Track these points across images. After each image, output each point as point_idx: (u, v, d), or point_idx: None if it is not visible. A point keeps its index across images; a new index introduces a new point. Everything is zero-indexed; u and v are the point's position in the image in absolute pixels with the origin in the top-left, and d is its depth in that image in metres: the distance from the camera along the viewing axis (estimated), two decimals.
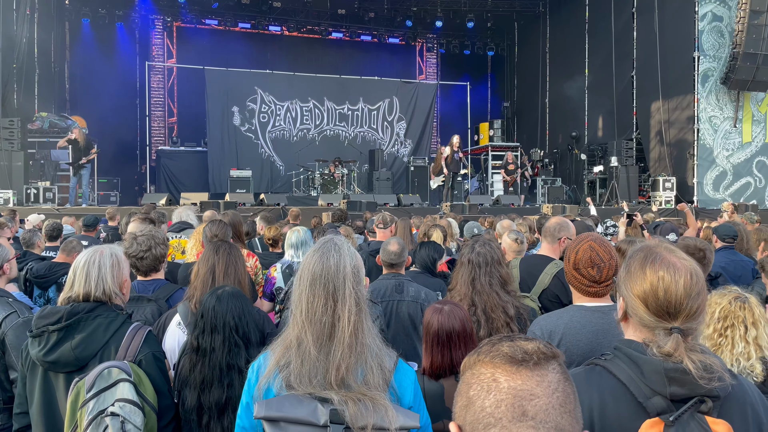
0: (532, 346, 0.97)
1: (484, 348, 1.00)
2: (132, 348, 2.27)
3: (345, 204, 13.38)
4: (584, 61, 18.81)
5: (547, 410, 0.91)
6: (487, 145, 20.11)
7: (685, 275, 1.44)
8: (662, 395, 1.36)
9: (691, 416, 1.33)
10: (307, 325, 1.66)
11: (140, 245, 3.30)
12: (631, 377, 1.40)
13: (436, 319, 2.50)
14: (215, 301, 2.26)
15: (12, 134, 13.88)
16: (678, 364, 1.36)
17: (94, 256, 2.38)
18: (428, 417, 1.77)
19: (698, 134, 15.06)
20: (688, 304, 1.43)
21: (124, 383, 2.09)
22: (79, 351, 2.25)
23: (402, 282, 3.69)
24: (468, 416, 0.95)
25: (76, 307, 2.30)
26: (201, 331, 2.25)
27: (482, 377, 0.96)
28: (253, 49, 19.88)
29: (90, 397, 2.05)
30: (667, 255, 1.49)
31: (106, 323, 2.31)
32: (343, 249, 1.75)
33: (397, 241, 3.81)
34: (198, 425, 2.20)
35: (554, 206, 14.49)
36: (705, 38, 14.88)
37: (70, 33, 18.79)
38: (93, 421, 2.01)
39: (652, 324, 1.46)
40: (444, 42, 22.81)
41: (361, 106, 19.99)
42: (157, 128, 19.46)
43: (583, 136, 19.08)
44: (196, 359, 2.23)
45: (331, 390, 1.59)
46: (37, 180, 14.50)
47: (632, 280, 1.51)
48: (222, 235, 3.88)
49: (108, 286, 2.35)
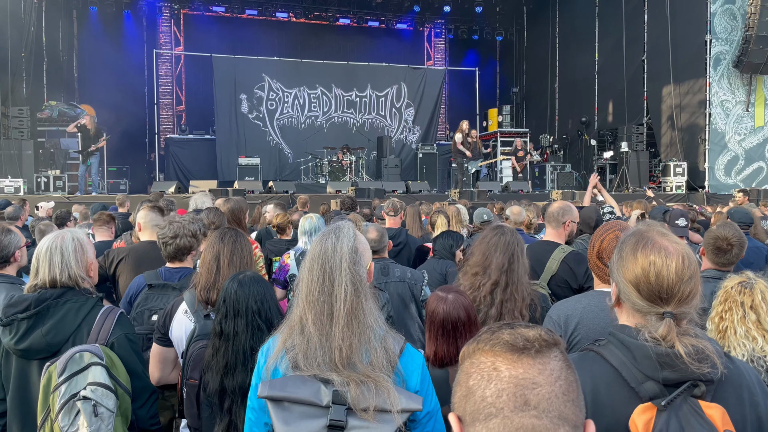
0: (534, 333, 0.94)
1: (483, 336, 0.97)
2: (104, 331, 2.28)
3: (353, 191, 13.37)
4: (594, 45, 18.60)
5: (549, 399, 0.89)
6: (496, 131, 20.00)
7: (677, 259, 1.43)
8: (655, 380, 1.35)
9: (684, 400, 1.32)
10: (307, 306, 1.68)
11: (168, 231, 3.28)
12: (624, 362, 1.39)
13: (441, 308, 2.49)
14: (237, 286, 2.26)
15: (22, 123, 13.95)
16: (670, 349, 1.35)
17: (56, 242, 2.36)
18: (437, 402, 1.77)
19: (710, 119, 14.89)
20: (680, 288, 1.42)
21: (96, 367, 2.10)
22: (50, 337, 2.26)
23: (387, 265, 3.88)
24: (468, 406, 0.92)
25: (44, 293, 2.30)
26: (224, 316, 2.24)
27: (482, 366, 0.93)
28: (260, 36, 19.81)
29: (62, 381, 2.06)
30: (659, 239, 1.48)
31: (76, 308, 2.31)
32: (343, 231, 1.76)
33: (375, 228, 3.96)
34: (220, 408, 2.21)
35: (563, 192, 14.41)
36: (717, 21, 14.66)
37: (78, 21, 18.79)
38: (65, 405, 2.02)
39: (645, 309, 1.45)
40: (452, 27, 22.62)
41: (369, 93, 19.91)
42: (165, 116, 19.48)
43: (593, 122, 18.93)
44: (219, 344, 2.22)
45: (336, 370, 1.59)
46: (47, 168, 14.59)
47: (624, 264, 1.49)
48: (219, 222, 3.88)
49: (73, 271, 2.34)
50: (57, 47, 17.43)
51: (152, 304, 3.03)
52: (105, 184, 16.32)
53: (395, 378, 1.65)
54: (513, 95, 22.33)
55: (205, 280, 2.64)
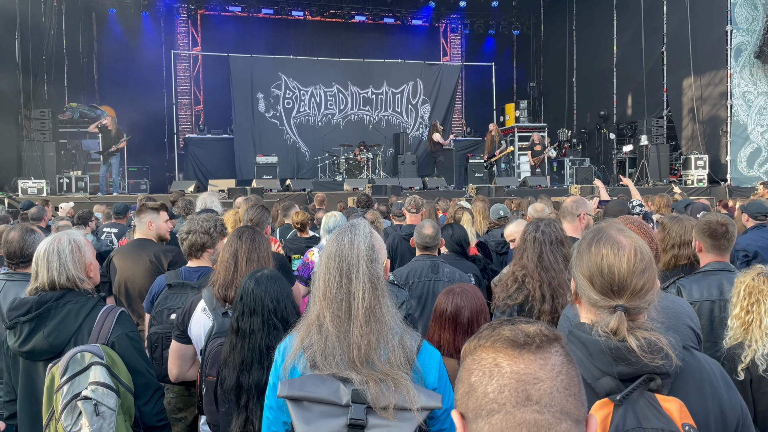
0: (534, 329, 0.94)
1: (484, 333, 0.97)
2: (104, 330, 2.31)
3: (370, 188, 13.40)
4: (612, 37, 18.38)
5: (551, 393, 0.89)
6: (514, 126, 19.87)
7: (629, 252, 1.43)
8: (610, 375, 1.34)
9: (640, 394, 1.31)
10: (325, 304, 1.68)
11: (184, 228, 3.33)
12: (581, 359, 1.38)
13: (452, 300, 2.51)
14: (254, 284, 2.27)
15: (44, 125, 14.16)
16: (622, 343, 1.34)
17: (53, 245, 2.38)
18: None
19: (731, 110, 14.65)
20: (632, 281, 1.41)
21: (97, 366, 2.13)
22: (52, 338, 2.29)
23: (437, 263, 3.82)
24: (470, 403, 0.93)
25: (44, 296, 2.33)
26: (240, 313, 2.26)
27: (483, 362, 0.93)
28: (276, 35, 19.88)
29: (64, 381, 2.09)
30: (614, 233, 1.48)
31: (77, 308, 2.34)
32: (359, 229, 1.76)
33: (431, 224, 3.91)
34: (237, 405, 2.23)
35: (582, 187, 14.29)
36: (738, 11, 14.40)
37: (97, 23, 19.03)
38: (68, 406, 2.06)
39: (599, 303, 1.45)
40: (468, 22, 22.49)
41: (385, 90, 19.89)
42: (184, 116, 19.66)
43: (612, 115, 18.72)
44: (236, 341, 2.25)
45: (355, 368, 1.59)
46: (69, 169, 14.82)
47: (580, 259, 1.50)
48: (257, 220, 3.92)
49: (71, 273, 2.37)
50: (77, 50, 17.67)
51: (171, 303, 3.08)
52: (126, 184, 16.52)
53: (413, 375, 1.66)
54: (530, 89, 22.16)
55: (223, 277, 2.67)
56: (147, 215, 4.16)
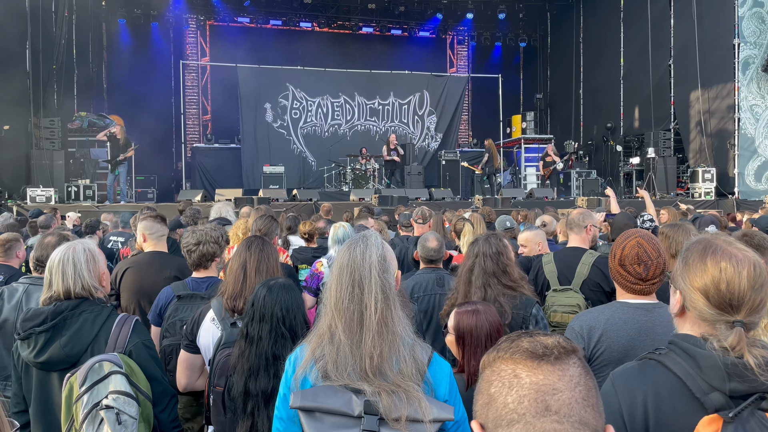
0: (552, 341, 0.96)
1: (503, 345, 0.99)
2: (120, 339, 2.30)
3: (377, 199, 13.41)
4: (619, 50, 18.41)
5: (570, 404, 0.90)
6: (520, 138, 19.88)
7: (748, 267, 1.40)
8: (721, 391, 1.31)
9: (751, 413, 1.28)
10: (337, 314, 1.68)
11: (191, 239, 3.31)
12: (688, 372, 1.36)
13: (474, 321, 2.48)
14: (266, 292, 2.29)
15: (53, 134, 14.26)
16: (738, 359, 1.31)
17: (68, 254, 2.37)
18: (464, 411, 1.76)
19: (739, 123, 14.62)
20: (751, 297, 1.38)
21: (116, 375, 2.12)
22: (69, 348, 2.28)
23: (442, 276, 3.76)
24: (490, 413, 0.94)
25: (59, 306, 2.31)
26: (250, 319, 2.27)
27: (503, 374, 0.95)
28: (284, 46, 20.03)
29: (83, 391, 2.08)
30: (728, 246, 1.45)
31: (92, 318, 2.33)
32: (371, 240, 1.76)
33: (435, 237, 3.86)
34: (243, 411, 2.23)
35: (589, 199, 14.26)
36: (745, 24, 14.41)
37: (107, 34, 19.21)
38: (89, 415, 2.05)
39: (713, 318, 1.41)
40: (475, 34, 22.59)
41: (392, 101, 19.96)
42: (191, 126, 19.77)
43: (619, 127, 18.70)
44: (245, 346, 2.26)
45: (368, 379, 1.59)
46: (77, 178, 14.89)
47: (691, 272, 1.46)
48: (265, 230, 3.92)
49: (86, 282, 2.36)
50: (87, 59, 17.82)
51: (183, 314, 3.07)
52: (133, 192, 16.59)
53: (424, 387, 1.65)
54: (537, 101, 22.19)
55: (232, 288, 2.67)
56: (162, 227, 4.04)
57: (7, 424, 1.17)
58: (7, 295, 3.12)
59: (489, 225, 6.79)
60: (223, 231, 3.50)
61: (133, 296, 3.81)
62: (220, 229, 3.51)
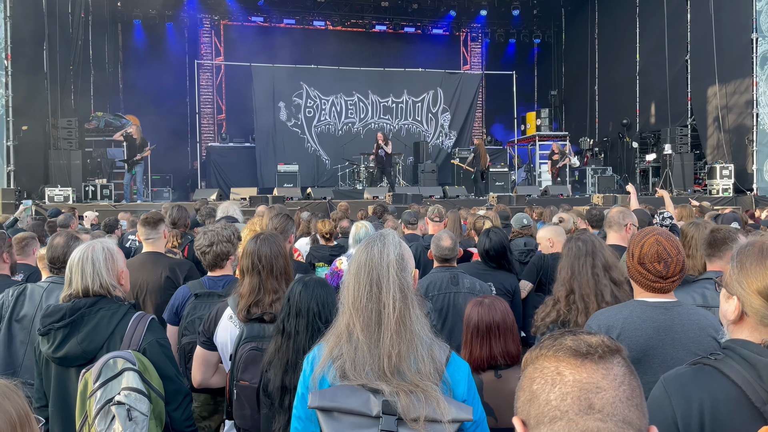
0: (596, 339, 0.95)
1: (546, 342, 0.98)
2: (135, 337, 2.34)
3: (390, 197, 13.41)
4: (635, 45, 18.23)
5: (614, 403, 0.89)
6: (534, 135, 19.78)
7: None
8: None
9: None
10: (355, 313, 1.68)
11: (203, 241, 3.34)
12: (748, 380, 1.32)
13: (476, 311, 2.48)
14: (302, 287, 2.30)
15: (70, 134, 14.41)
16: None
17: (87, 252, 2.42)
18: (483, 411, 1.76)
19: (757, 119, 14.42)
20: None
21: (129, 372, 2.16)
22: (85, 344, 2.33)
23: (456, 274, 3.74)
24: (532, 410, 0.94)
25: (78, 303, 2.37)
26: (286, 315, 2.28)
27: (546, 371, 0.94)
28: (298, 45, 20.05)
29: (97, 387, 2.13)
30: None
31: (109, 315, 2.38)
32: (388, 239, 1.75)
33: (449, 236, 3.84)
34: (280, 405, 2.24)
35: (605, 196, 14.15)
36: (763, 19, 14.20)
37: (123, 34, 19.39)
38: (101, 410, 2.09)
39: None
40: (489, 31, 22.48)
41: (405, 99, 19.94)
42: (206, 125, 19.90)
43: (635, 124, 18.53)
44: (281, 341, 2.27)
45: (386, 379, 1.59)
46: (95, 177, 15.05)
47: (749, 276, 1.42)
48: (281, 229, 3.93)
49: (104, 280, 2.41)
50: (103, 60, 17.99)
51: (201, 312, 3.10)
52: (149, 191, 16.73)
53: (442, 387, 1.64)
54: (551, 98, 22.05)
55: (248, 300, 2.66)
56: (162, 227, 4.11)
57: (34, 420, 1.19)
58: (29, 292, 3.19)
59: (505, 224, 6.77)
60: (234, 229, 3.52)
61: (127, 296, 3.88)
62: (231, 227, 3.52)
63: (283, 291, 2.64)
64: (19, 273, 3.96)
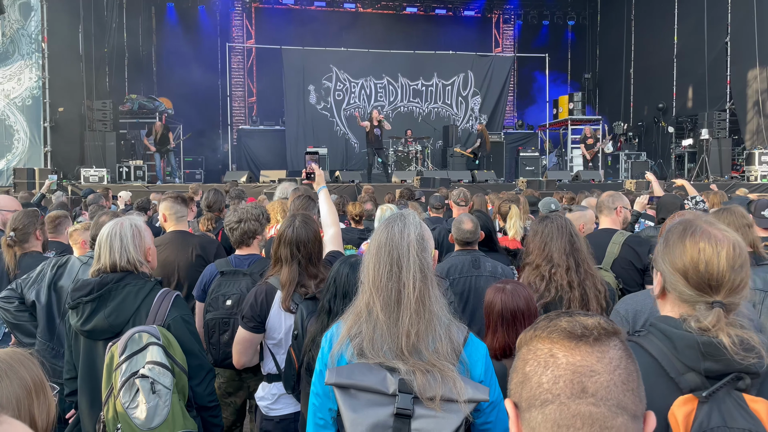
0: (592, 321, 0.92)
1: (541, 323, 0.96)
2: (161, 313, 2.40)
3: (419, 181, 13.37)
4: (673, 27, 17.71)
5: (608, 387, 0.87)
6: (567, 119, 19.43)
7: (728, 247, 1.38)
8: (696, 371, 1.30)
9: (727, 393, 1.26)
10: (375, 292, 1.69)
11: (233, 217, 3.39)
12: (664, 352, 1.34)
13: (500, 298, 2.46)
14: (348, 269, 2.29)
15: (105, 116, 14.72)
16: (713, 339, 1.29)
17: (115, 228, 2.48)
18: (500, 393, 1.76)
19: None
20: (731, 277, 1.36)
21: (154, 346, 2.22)
22: (112, 318, 2.40)
23: (478, 257, 3.72)
24: (524, 393, 0.92)
25: (105, 278, 2.43)
26: (333, 296, 2.28)
27: (539, 353, 0.92)
28: (328, 27, 20.03)
29: (122, 360, 2.19)
30: (708, 227, 1.42)
31: (135, 290, 2.44)
32: (408, 219, 1.76)
33: (470, 219, 3.81)
34: None
35: (638, 182, 13.87)
36: None
37: (156, 17, 19.60)
38: (126, 383, 2.15)
39: (692, 299, 1.40)
40: (521, 13, 22.10)
41: (435, 82, 19.76)
42: (237, 108, 20.08)
43: (671, 108, 18.07)
44: (327, 321, 2.27)
45: (402, 358, 1.59)
46: (129, 159, 15.36)
47: (671, 253, 1.44)
48: (303, 209, 3.96)
49: (132, 256, 2.46)
50: (137, 42, 18.25)
51: (225, 289, 3.15)
52: (182, 173, 17.01)
53: (459, 367, 1.65)
54: (585, 81, 21.60)
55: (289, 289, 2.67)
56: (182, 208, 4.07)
57: (48, 387, 1.25)
58: (70, 265, 3.29)
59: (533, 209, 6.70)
60: (263, 209, 3.57)
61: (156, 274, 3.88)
62: (261, 207, 3.58)
63: (322, 273, 2.67)
64: (51, 250, 4.07)
